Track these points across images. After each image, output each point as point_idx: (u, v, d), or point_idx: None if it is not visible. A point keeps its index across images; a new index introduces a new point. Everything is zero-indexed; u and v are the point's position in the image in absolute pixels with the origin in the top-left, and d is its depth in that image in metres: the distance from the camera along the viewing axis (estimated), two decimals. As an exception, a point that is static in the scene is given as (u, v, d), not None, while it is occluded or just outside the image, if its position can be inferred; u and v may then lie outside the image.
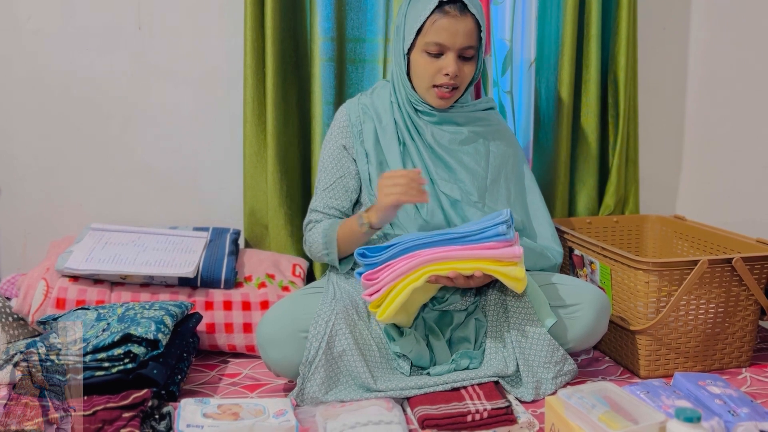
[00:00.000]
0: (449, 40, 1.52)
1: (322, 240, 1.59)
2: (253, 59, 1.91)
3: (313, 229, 1.63)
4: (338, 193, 1.64)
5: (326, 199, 1.64)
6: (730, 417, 1.26)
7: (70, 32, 1.97)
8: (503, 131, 1.72)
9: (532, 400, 1.49)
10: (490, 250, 1.41)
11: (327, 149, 1.67)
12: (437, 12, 1.52)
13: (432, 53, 1.54)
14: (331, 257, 1.59)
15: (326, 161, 1.66)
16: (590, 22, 2.01)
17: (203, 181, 2.07)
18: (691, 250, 1.91)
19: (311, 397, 1.42)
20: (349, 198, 1.65)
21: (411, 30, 1.55)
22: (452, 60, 1.53)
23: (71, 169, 2.03)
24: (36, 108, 2.00)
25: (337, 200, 1.64)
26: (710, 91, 2.23)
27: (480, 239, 1.42)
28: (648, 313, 1.59)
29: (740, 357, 1.68)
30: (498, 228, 1.40)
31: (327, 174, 1.65)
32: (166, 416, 1.33)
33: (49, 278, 1.69)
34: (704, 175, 2.26)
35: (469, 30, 1.53)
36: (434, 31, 1.52)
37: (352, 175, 1.64)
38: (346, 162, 1.64)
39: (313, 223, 1.65)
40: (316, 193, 1.67)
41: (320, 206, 1.65)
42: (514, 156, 1.71)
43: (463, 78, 1.57)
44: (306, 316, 1.48)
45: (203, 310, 1.69)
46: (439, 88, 1.56)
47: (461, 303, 1.56)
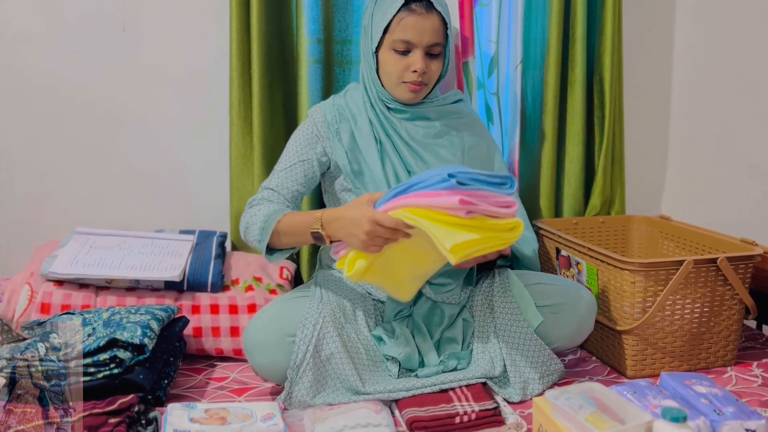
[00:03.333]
0: (416, 37, 1.53)
1: (261, 224, 1.49)
2: (238, 61, 1.90)
3: (259, 207, 1.53)
4: (297, 175, 1.59)
5: (282, 179, 1.59)
6: (715, 416, 1.27)
7: (54, 35, 1.95)
8: (474, 122, 1.73)
9: (519, 400, 1.49)
10: (431, 198, 1.27)
11: (297, 136, 1.63)
12: (403, 10, 1.53)
13: (399, 51, 1.55)
14: (261, 245, 1.50)
15: (292, 145, 1.62)
16: (576, 23, 2.02)
17: (189, 183, 2.06)
18: (676, 251, 1.93)
19: (299, 400, 1.42)
20: (307, 184, 1.60)
21: (378, 29, 1.56)
22: (419, 57, 1.55)
23: (55, 172, 2.01)
24: (20, 111, 1.98)
25: (294, 183, 1.58)
26: (695, 92, 2.24)
27: (424, 186, 1.29)
28: (634, 313, 1.60)
29: (725, 356, 1.69)
30: (442, 175, 1.27)
31: (290, 155, 1.61)
32: (153, 421, 1.32)
33: (33, 283, 1.68)
34: (689, 176, 2.27)
35: (435, 27, 1.55)
36: (401, 28, 1.54)
37: (316, 164, 1.60)
38: (315, 150, 1.61)
39: (259, 200, 1.56)
40: (274, 172, 1.61)
41: (274, 184, 1.58)
42: (486, 146, 1.72)
43: (430, 75, 1.58)
44: (293, 321, 1.47)
45: (190, 313, 1.68)
46: (408, 83, 1.57)
47: (460, 294, 1.57)
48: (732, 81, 2.24)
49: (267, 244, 1.49)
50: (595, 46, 2.07)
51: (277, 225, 1.47)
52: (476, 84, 1.99)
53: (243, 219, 1.56)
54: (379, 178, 1.60)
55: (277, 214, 1.49)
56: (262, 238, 1.49)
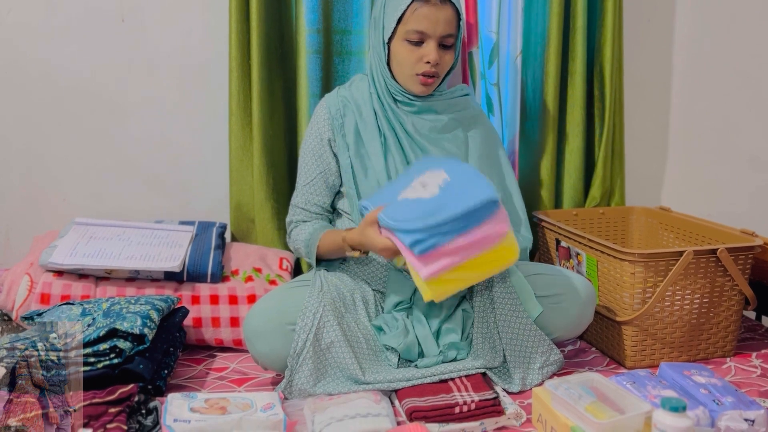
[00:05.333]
0: (430, 28, 1.53)
1: (304, 248, 1.61)
2: (238, 51, 1.89)
3: (297, 230, 1.64)
4: (319, 188, 1.64)
5: (307, 195, 1.64)
6: (714, 406, 1.28)
7: (53, 25, 1.94)
8: (479, 117, 1.73)
9: (519, 390, 1.49)
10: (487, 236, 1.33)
11: (308, 144, 1.66)
12: (417, 1, 1.53)
13: (413, 41, 1.55)
14: (311, 261, 1.61)
15: (307, 156, 1.66)
16: (576, 13, 2.01)
17: (189, 174, 2.05)
18: (676, 241, 1.93)
19: (299, 389, 1.42)
20: (330, 194, 1.66)
21: (391, 19, 1.56)
22: (433, 48, 1.55)
23: (55, 162, 2.01)
24: (19, 102, 1.97)
25: (318, 196, 1.64)
26: (695, 83, 2.24)
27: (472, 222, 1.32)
28: (634, 303, 1.60)
29: (725, 347, 1.69)
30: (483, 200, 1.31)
31: (308, 169, 1.65)
32: (153, 411, 1.32)
33: (33, 273, 1.68)
34: (689, 167, 2.27)
35: (449, 18, 1.55)
36: (415, 19, 1.53)
37: (332, 171, 1.64)
38: (327, 157, 1.64)
39: (295, 223, 1.66)
40: (297, 188, 1.67)
41: (301, 202, 1.65)
42: (491, 141, 1.72)
43: (443, 66, 1.59)
44: (293, 309, 1.48)
45: (190, 304, 1.68)
46: (421, 75, 1.57)
47: None
48: (732, 72, 2.23)
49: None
50: (595, 37, 2.06)
51: (318, 250, 1.58)
52: (478, 74, 1.99)
53: (289, 242, 1.69)
54: (381, 171, 1.60)
55: (314, 238, 1.59)
56: (310, 260, 1.61)
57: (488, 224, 1.33)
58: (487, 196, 1.31)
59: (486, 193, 1.32)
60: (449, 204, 1.32)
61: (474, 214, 1.31)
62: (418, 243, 1.31)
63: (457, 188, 1.36)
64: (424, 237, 1.31)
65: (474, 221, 1.31)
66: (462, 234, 1.31)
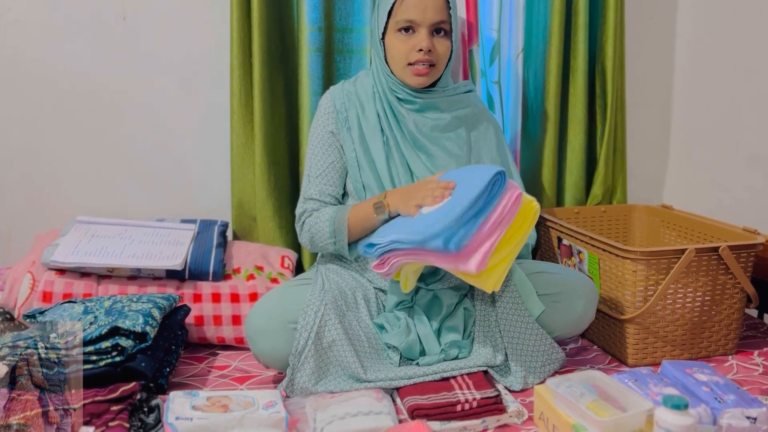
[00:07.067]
0: (419, 15, 1.54)
1: (330, 228, 1.55)
2: (239, 50, 1.89)
3: (314, 217, 1.59)
4: (333, 179, 1.63)
5: (321, 186, 1.62)
6: (716, 404, 1.28)
7: (54, 24, 1.94)
8: (483, 114, 1.73)
9: (521, 389, 1.49)
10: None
11: (315, 135, 1.65)
12: None
13: (404, 32, 1.56)
14: (339, 245, 1.56)
15: (316, 147, 1.65)
16: (578, 11, 2.01)
17: (190, 172, 2.06)
18: (678, 239, 1.93)
19: (301, 387, 1.42)
20: (341, 184, 1.64)
21: (383, 13, 1.57)
22: (425, 35, 1.55)
23: (56, 161, 2.01)
24: (20, 100, 1.97)
25: (332, 186, 1.62)
26: (696, 81, 2.24)
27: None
28: (636, 301, 1.60)
29: (727, 345, 1.69)
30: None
31: (318, 160, 1.64)
32: (155, 409, 1.33)
33: (35, 271, 1.68)
34: (691, 165, 2.27)
35: (437, 4, 1.55)
36: (403, 8, 1.55)
37: (341, 162, 1.63)
38: (334, 149, 1.63)
39: (309, 212, 1.61)
40: (309, 180, 1.64)
41: (315, 193, 1.62)
42: (495, 139, 1.72)
43: (438, 54, 1.58)
44: (295, 308, 1.48)
45: (191, 302, 1.69)
46: (415, 65, 1.57)
47: (455, 278, 1.56)
48: (733, 70, 2.23)
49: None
50: (597, 34, 2.06)
51: (348, 222, 1.53)
52: (479, 72, 1.99)
53: (303, 233, 1.62)
54: (383, 170, 1.60)
55: (341, 213, 1.54)
56: (337, 239, 1.54)
57: (506, 194, 1.37)
58: (494, 171, 1.35)
59: (491, 170, 1.36)
60: (463, 196, 1.35)
61: (490, 192, 1.35)
62: (450, 239, 1.30)
63: (464, 182, 1.40)
64: (453, 231, 1.31)
65: (492, 198, 1.35)
66: (488, 214, 1.34)
